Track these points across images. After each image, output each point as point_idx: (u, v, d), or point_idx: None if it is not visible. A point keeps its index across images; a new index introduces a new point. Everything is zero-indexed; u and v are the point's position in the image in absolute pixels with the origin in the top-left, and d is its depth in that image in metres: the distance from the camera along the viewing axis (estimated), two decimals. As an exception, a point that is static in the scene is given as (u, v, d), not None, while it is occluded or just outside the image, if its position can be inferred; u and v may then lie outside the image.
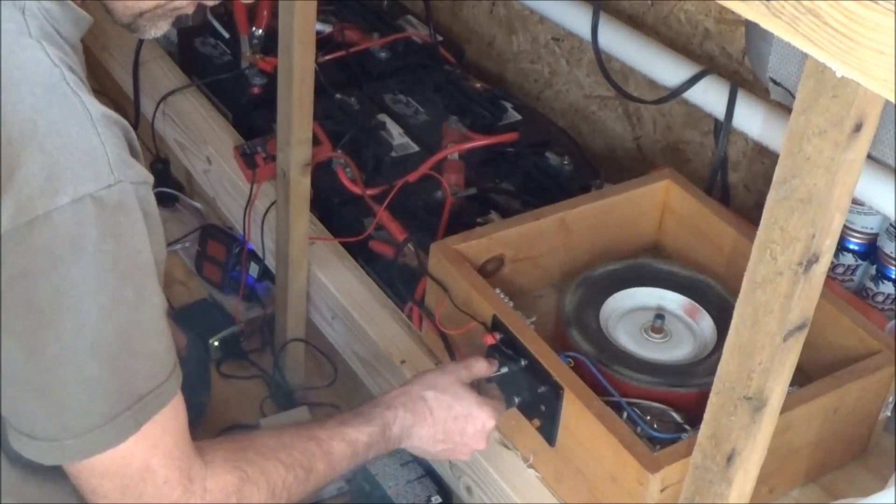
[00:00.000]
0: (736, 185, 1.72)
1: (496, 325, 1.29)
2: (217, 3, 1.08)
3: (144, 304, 0.93)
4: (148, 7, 1.02)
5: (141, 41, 1.88)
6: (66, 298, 0.89)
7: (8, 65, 0.90)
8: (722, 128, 1.58)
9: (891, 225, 1.48)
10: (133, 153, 0.94)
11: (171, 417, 0.98)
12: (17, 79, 0.89)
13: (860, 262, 1.54)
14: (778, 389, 0.87)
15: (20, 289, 0.88)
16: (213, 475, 1.01)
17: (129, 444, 0.95)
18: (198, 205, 2.07)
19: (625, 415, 1.22)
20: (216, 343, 1.82)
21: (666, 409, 1.25)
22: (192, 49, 1.94)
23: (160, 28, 1.06)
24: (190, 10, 1.06)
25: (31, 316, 0.89)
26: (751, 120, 1.54)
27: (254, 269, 1.87)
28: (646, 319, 1.37)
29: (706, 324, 1.37)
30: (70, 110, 0.90)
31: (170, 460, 0.98)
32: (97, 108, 0.92)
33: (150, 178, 0.94)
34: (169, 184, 2.06)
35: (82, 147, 0.89)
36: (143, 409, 0.95)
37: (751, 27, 1.46)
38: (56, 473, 1.00)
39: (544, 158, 1.73)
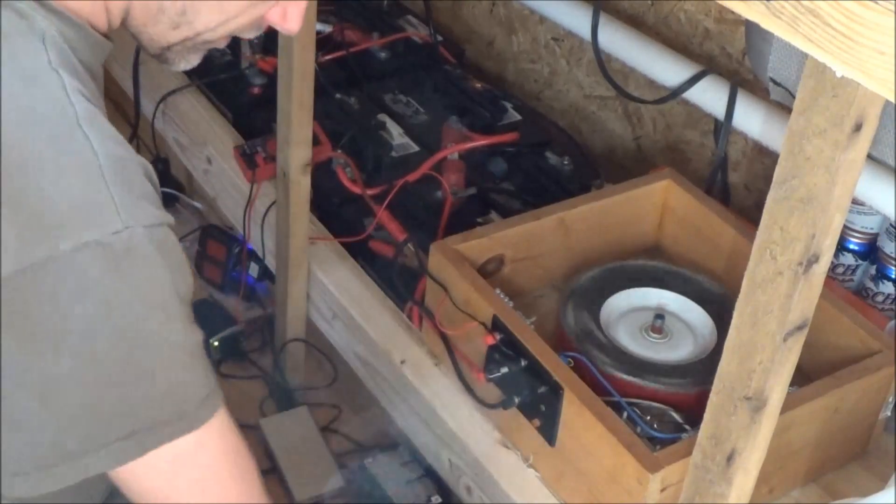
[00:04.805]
0: (736, 185, 1.72)
1: (496, 325, 1.29)
2: (255, 35, 1.04)
3: (163, 343, 0.90)
4: (176, 40, 0.99)
5: (141, 41, 1.87)
6: (68, 338, 0.86)
7: (21, 104, 0.87)
8: (722, 128, 1.58)
9: (891, 225, 1.48)
10: (153, 190, 0.91)
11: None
12: (31, 120, 0.87)
13: (860, 262, 1.54)
14: (778, 389, 0.87)
15: (19, 330, 0.86)
16: None
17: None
18: (198, 205, 2.07)
19: (625, 415, 1.22)
20: (216, 343, 1.82)
21: (666, 409, 1.25)
22: (192, 49, 1.94)
23: (191, 61, 1.03)
24: (222, 44, 1.03)
25: (30, 355, 0.86)
26: (751, 120, 1.54)
27: (254, 269, 1.87)
28: (646, 319, 1.37)
29: (706, 324, 1.37)
30: (78, 156, 0.87)
31: None
32: (109, 149, 0.88)
33: (169, 219, 0.90)
34: (169, 184, 2.06)
35: (86, 194, 0.86)
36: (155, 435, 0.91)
37: (751, 27, 1.46)
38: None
39: (544, 158, 1.73)
